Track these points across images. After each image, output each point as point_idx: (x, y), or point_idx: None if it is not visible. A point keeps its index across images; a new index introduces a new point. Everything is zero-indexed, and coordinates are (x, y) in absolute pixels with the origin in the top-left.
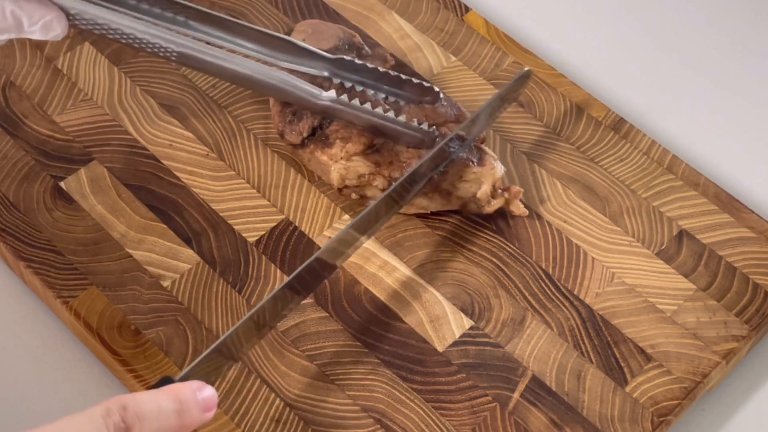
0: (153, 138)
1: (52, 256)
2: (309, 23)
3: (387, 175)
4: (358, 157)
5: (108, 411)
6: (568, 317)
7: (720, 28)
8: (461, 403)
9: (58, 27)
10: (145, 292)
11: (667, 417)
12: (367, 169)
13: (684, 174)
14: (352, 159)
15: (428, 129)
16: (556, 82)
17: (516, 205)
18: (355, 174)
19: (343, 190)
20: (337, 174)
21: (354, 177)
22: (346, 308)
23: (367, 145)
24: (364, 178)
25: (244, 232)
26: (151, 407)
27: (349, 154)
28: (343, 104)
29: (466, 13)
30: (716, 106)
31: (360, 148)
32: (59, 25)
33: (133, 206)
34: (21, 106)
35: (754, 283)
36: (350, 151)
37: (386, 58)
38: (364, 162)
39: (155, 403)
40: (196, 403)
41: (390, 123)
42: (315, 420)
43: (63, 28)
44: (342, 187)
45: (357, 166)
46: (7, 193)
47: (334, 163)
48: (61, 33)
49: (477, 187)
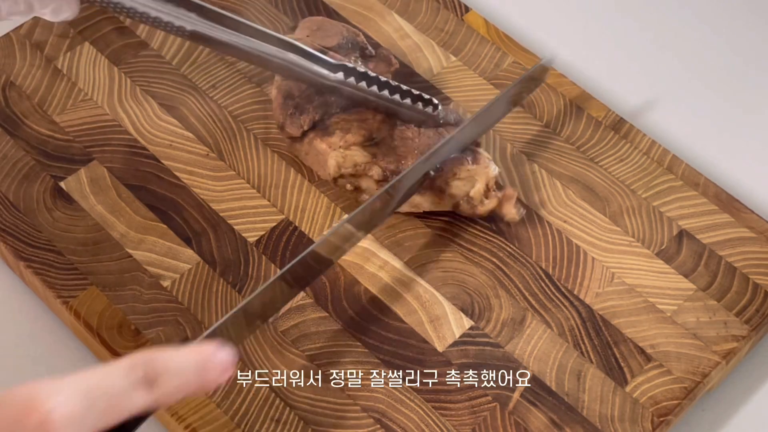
0: (153, 138)
1: (52, 256)
2: (314, 20)
3: (383, 166)
4: (357, 147)
5: (132, 366)
6: (568, 317)
7: (720, 28)
8: (461, 403)
9: (68, 10)
10: (145, 292)
11: (667, 417)
12: (364, 158)
13: (684, 174)
14: (351, 148)
15: (432, 113)
16: (556, 82)
17: (508, 209)
18: (352, 162)
19: (338, 180)
20: (334, 161)
21: (350, 165)
22: (346, 308)
23: (366, 137)
24: (360, 167)
25: (244, 232)
26: (174, 364)
27: (348, 144)
28: (351, 86)
29: (466, 13)
30: (716, 106)
31: (359, 139)
32: (69, 8)
33: (133, 206)
34: (21, 106)
35: (754, 283)
36: (349, 141)
37: (390, 60)
38: (362, 152)
39: (178, 360)
40: (215, 363)
41: (395, 105)
42: (315, 420)
43: (73, 11)
44: (337, 177)
45: (354, 155)
46: (7, 193)
47: (332, 150)
48: (71, 15)
49: (470, 186)
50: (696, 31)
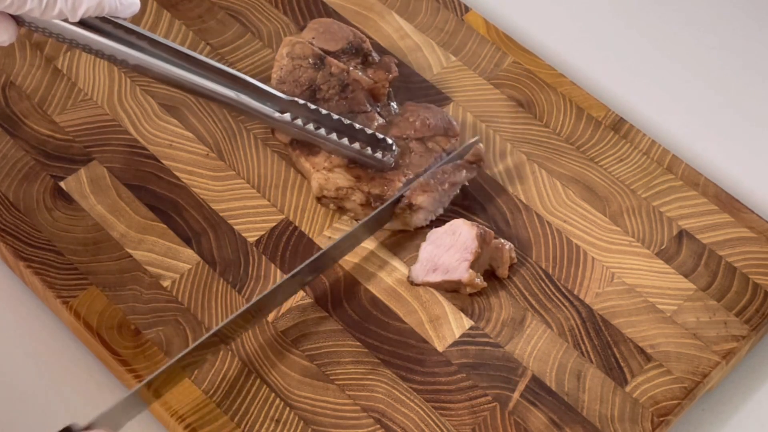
0: (153, 138)
1: (52, 256)
2: (321, 22)
3: (366, 191)
4: (341, 169)
5: None
6: (568, 317)
7: (720, 28)
8: (461, 403)
9: (5, 35)
10: (145, 292)
11: (667, 417)
12: (347, 182)
13: (684, 174)
14: (334, 170)
15: (382, 158)
16: (556, 82)
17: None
18: (334, 186)
19: (321, 200)
20: (317, 183)
21: (332, 188)
22: (346, 308)
23: (350, 161)
24: (342, 191)
25: (244, 232)
26: None
27: (333, 165)
28: (298, 128)
29: (466, 13)
30: (716, 106)
31: (344, 161)
32: (6, 33)
33: (133, 206)
34: (21, 106)
35: (754, 283)
36: (334, 162)
37: (391, 67)
38: (345, 175)
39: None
40: None
41: (344, 149)
42: (315, 420)
43: (10, 36)
44: (320, 197)
45: (337, 178)
46: (7, 193)
47: (315, 172)
48: (8, 41)
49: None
50: (696, 31)
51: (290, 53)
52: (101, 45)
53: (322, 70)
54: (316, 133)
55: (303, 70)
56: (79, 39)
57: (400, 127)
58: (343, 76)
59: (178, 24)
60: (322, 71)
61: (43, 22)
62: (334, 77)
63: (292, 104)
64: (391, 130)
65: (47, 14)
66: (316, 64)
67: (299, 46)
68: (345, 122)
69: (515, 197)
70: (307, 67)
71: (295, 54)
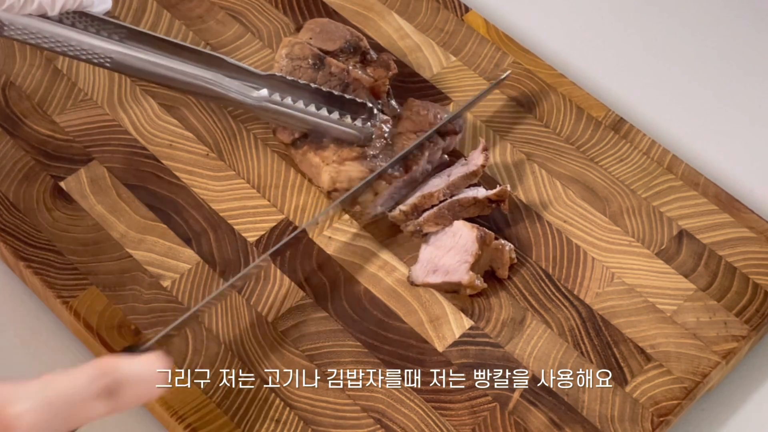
0: (153, 138)
1: (52, 256)
2: (318, 22)
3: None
4: (351, 162)
5: (96, 375)
6: (568, 317)
7: (720, 28)
8: (461, 403)
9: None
10: (145, 292)
11: (667, 417)
12: (360, 174)
13: (684, 174)
14: (345, 163)
15: (362, 125)
16: (556, 82)
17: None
18: (347, 178)
19: (332, 194)
20: (328, 176)
21: (345, 180)
22: (346, 308)
23: (361, 154)
24: (356, 183)
25: (244, 232)
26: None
27: (342, 159)
28: (276, 103)
29: (466, 13)
30: (716, 106)
31: (354, 155)
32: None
33: (133, 206)
34: (21, 106)
35: (754, 283)
36: (343, 156)
37: (390, 65)
38: (358, 166)
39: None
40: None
41: (324, 120)
42: (315, 420)
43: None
44: (332, 190)
45: (350, 170)
46: (7, 193)
47: (325, 165)
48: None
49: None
50: (696, 31)
51: (289, 54)
52: (78, 41)
53: (322, 70)
54: (294, 107)
55: (303, 71)
56: (57, 38)
57: (414, 121)
58: (344, 75)
59: (178, 24)
60: (322, 71)
61: (21, 23)
62: (334, 77)
63: (269, 79)
64: (403, 124)
65: (26, 8)
66: (315, 64)
67: (298, 47)
68: (324, 90)
69: (515, 197)
70: (306, 67)
71: (294, 55)
